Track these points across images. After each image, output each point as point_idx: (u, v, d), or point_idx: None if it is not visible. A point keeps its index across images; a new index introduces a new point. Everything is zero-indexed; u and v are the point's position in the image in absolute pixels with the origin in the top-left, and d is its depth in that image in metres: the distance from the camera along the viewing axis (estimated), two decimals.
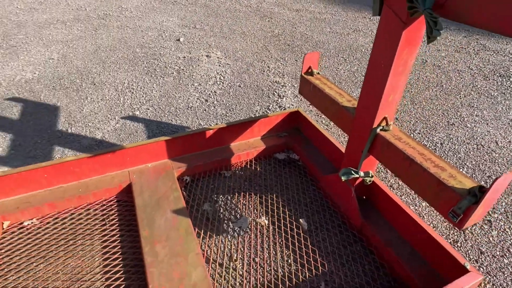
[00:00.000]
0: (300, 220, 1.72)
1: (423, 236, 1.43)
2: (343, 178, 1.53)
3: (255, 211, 1.78)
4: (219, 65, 3.44)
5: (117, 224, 1.66)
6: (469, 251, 1.67)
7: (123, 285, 1.40)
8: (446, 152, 2.34)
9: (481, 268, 1.59)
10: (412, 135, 2.52)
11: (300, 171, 2.05)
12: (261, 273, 1.49)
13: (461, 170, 2.03)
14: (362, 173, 1.55)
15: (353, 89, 3.10)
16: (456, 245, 1.70)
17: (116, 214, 1.70)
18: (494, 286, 1.52)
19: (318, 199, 1.86)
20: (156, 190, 1.74)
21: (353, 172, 1.53)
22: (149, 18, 4.68)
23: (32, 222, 1.63)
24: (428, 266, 1.43)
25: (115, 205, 1.75)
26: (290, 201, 1.84)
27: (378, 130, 1.42)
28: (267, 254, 1.57)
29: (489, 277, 1.56)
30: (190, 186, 1.91)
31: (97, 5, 5.08)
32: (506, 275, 1.56)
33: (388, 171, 2.06)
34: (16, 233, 1.59)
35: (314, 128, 2.07)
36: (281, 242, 1.62)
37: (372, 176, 1.57)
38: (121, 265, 1.48)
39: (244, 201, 1.84)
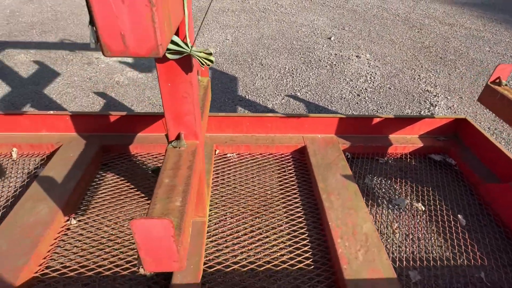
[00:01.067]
0: (458, 215, 1.81)
1: None
2: None
3: (410, 197, 1.95)
4: (369, 66, 3.64)
5: (292, 174, 2.04)
6: None
7: (302, 219, 1.76)
8: None
9: None
10: None
11: (456, 175, 2.12)
12: (416, 248, 1.66)
13: None
14: None
15: None
16: None
17: (291, 166, 2.10)
18: None
19: (477, 205, 1.91)
20: (326, 156, 2.07)
21: None
22: (301, 15, 5.16)
23: (232, 155, 2.16)
24: None
25: (290, 160, 2.15)
26: (446, 198, 1.94)
27: None
28: (420, 234, 1.73)
29: None
30: (350, 162, 2.19)
31: None
32: None
33: None
34: (221, 160, 2.13)
35: (482, 136, 2.10)
36: (437, 229, 1.75)
37: None
38: (297, 204, 1.85)
39: (397, 186, 2.02)
